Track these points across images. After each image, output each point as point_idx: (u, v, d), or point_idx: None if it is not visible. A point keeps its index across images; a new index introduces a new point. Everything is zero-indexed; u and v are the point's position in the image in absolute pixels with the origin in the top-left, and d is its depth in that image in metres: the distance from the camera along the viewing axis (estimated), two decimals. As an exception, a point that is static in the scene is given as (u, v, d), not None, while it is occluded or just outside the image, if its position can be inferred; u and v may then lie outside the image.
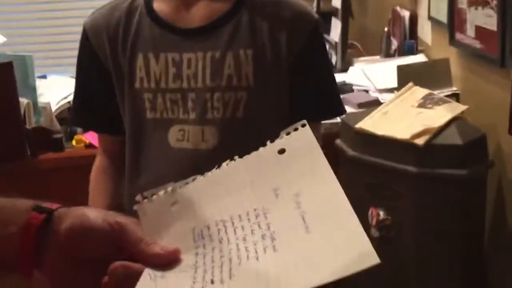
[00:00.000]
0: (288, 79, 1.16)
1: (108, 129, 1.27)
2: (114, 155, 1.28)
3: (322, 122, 1.31)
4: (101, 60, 1.19)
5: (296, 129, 0.61)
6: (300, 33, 1.16)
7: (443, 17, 2.24)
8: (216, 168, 0.60)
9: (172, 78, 1.14)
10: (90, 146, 2.18)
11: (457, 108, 1.85)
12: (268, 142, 0.60)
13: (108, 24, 1.18)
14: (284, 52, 1.14)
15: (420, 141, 1.69)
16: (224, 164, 0.61)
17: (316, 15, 1.21)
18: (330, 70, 1.25)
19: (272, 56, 1.14)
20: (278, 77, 1.16)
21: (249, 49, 1.13)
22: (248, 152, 1.06)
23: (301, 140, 0.61)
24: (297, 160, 0.59)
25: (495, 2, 1.78)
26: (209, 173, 0.62)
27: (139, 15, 1.18)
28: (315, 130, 0.93)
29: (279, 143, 0.61)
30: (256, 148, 1.06)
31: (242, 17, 1.15)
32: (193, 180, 0.60)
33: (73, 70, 3.67)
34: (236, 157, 0.61)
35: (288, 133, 0.61)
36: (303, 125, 0.60)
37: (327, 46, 3.02)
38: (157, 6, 1.17)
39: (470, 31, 1.99)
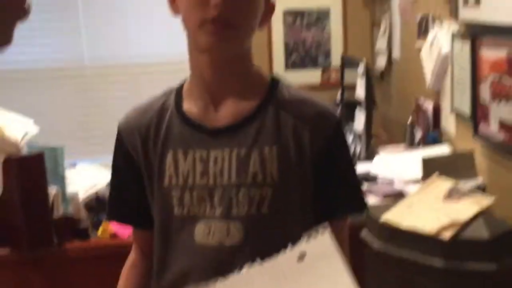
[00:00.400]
0: (311, 176, 1.19)
1: (141, 224, 1.31)
2: (146, 250, 1.30)
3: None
4: (133, 158, 1.24)
5: (316, 233, 0.62)
6: (322, 132, 1.19)
7: (466, 109, 2.27)
8: (236, 273, 0.61)
9: (200, 175, 1.17)
10: (115, 235, 2.20)
11: (484, 201, 1.84)
12: (288, 247, 0.61)
13: (140, 125, 1.24)
14: (307, 150, 1.18)
15: (446, 235, 1.67)
16: (244, 269, 0.61)
17: (337, 115, 1.26)
18: (352, 167, 1.27)
19: (295, 153, 1.17)
20: (302, 173, 1.18)
21: (273, 146, 1.17)
22: (273, 248, 1.08)
23: (320, 246, 0.62)
24: (316, 268, 0.60)
25: (517, 97, 1.80)
26: (229, 278, 0.62)
27: (170, 115, 1.23)
28: (340, 228, 0.93)
29: (298, 249, 0.62)
30: (280, 244, 1.07)
31: (267, 115, 1.19)
32: (214, 285, 0.61)
33: (102, 158, 3.76)
34: (256, 262, 0.61)
35: (308, 237, 0.62)
36: (323, 229, 0.61)
37: (352, 136, 3.07)
38: (186, 106, 1.22)
39: (494, 125, 2.01)
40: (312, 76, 4.02)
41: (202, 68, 1.19)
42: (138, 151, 1.23)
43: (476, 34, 2.16)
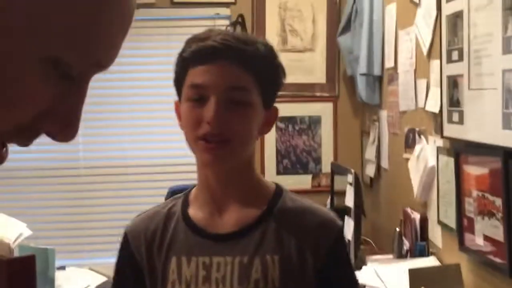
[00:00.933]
0: (313, 283, 1.21)
1: None
2: None
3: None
4: (137, 261, 1.26)
5: None
6: (325, 240, 1.23)
7: (452, 222, 2.32)
8: None
9: (202, 281, 1.19)
10: None
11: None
12: None
13: (146, 229, 1.27)
14: (310, 257, 1.20)
15: None
16: None
17: (339, 223, 1.28)
18: (353, 273, 1.30)
19: (297, 261, 1.20)
20: (304, 281, 1.21)
21: (275, 255, 1.19)
22: None
23: None
24: None
25: (500, 214, 1.86)
26: None
27: (176, 221, 1.26)
28: None
29: None
30: None
31: (270, 224, 1.22)
32: None
33: (91, 260, 3.73)
34: None
35: None
36: None
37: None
38: (192, 212, 1.26)
39: (479, 239, 2.05)
40: (303, 181, 4.09)
41: (207, 177, 1.24)
42: (142, 255, 1.25)
43: (460, 150, 2.25)
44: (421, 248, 2.62)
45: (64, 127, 0.55)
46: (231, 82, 1.18)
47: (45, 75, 0.51)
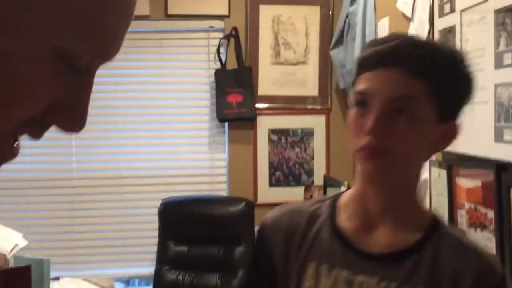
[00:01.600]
0: None
1: None
2: None
3: None
4: (273, 258, 1.18)
5: None
6: (485, 286, 1.10)
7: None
8: None
9: None
10: None
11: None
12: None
13: (288, 225, 1.19)
14: None
15: None
16: None
17: (502, 270, 1.15)
18: None
19: None
20: None
21: None
22: None
23: None
24: None
25: (492, 227, 1.89)
26: None
27: (321, 224, 1.18)
28: None
29: None
30: None
31: (425, 254, 1.11)
32: None
33: (85, 273, 3.72)
34: None
35: None
36: None
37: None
38: (341, 220, 1.17)
39: (471, 251, 2.08)
40: (295, 193, 4.11)
41: (364, 190, 1.15)
42: (280, 251, 1.18)
43: (452, 163, 2.28)
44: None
45: (73, 118, 0.55)
46: (397, 90, 1.06)
47: (54, 67, 0.52)
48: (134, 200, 3.99)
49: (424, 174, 2.63)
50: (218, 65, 4.05)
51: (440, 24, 2.36)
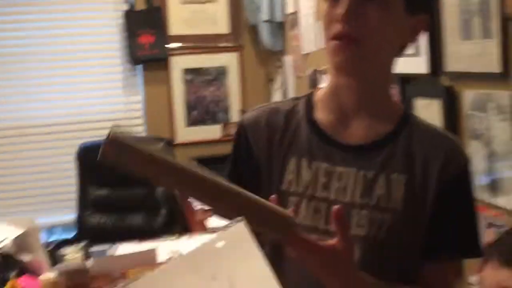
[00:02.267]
0: (431, 210, 1.14)
1: None
2: None
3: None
4: (254, 154, 1.20)
5: (231, 224, 0.73)
6: (452, 167, 1.15)
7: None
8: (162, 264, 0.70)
9: (321, 187, 1.14)
10: (24, 290, 2.17)
11: None
12: (208, 237, 0.71)
13: (268, 123, 1.20)
14: (433, 183, 1.14)
15: None
16: (169, 260, 0.71)
17: (467, 154, 1.20)
18: (473, 210, 1.19)
19: (421, 185, 1.14)
20: (423, 206, 1.15)
21: (402, 174, 1.14)
22: (383, 274, 1.07)
23: (236, 234, 0.72)
24: (233, 251, 0.70)
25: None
26: (157, 269, 0.71)
27: (299, 120, 1.20)
28: (455, 270, 0.88)
29: (217, 237, 0.72)
30: (392, 272, 1.09)
31: (399, 142, 1.16)
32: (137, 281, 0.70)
33: (7, 214, 3.67)
34: (179, 253, 0.71)
35: (224, 228, 0.72)
36: (237, 221, 0.72)
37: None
38: (318, 115, 1.19)
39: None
40: (213, 131, 4.17)
41: (338, 84, 1.16)
42: (261, 148, 1.19)
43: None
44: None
45: None
46: None
47: None
48: (51, 148, 3.94)
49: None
50: (126, 7, 3.99)
51: None
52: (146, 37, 3.98)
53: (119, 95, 4.02)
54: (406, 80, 2.08)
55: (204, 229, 2.39)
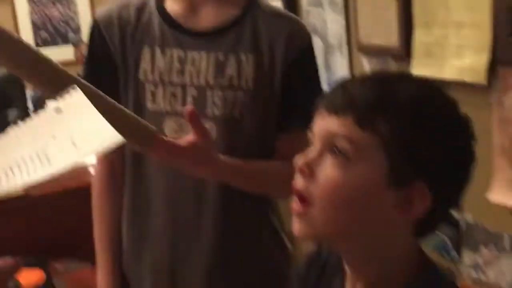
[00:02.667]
0: (280, 86, 1.22)
1: None
2: (114, 159, 1.28)
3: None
4: (110, 49, 1.22)
5: (68, 92, 0.77)
6: (295, 46, 1.22)
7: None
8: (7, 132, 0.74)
9: (176, 73, 1.19)
10: None
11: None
12: (46, 105, 0.75)
13: (119, 17, 1.23)
14: (279, 61, 1.21)
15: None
16: (11, 129, 0.74)
17: (309, 32, 1.29)
18: (319, 82, 1.29)
19: (269, 63, 1.21)
20: (272, 83, 1.22)
21: (250, 54, 1.20)
22: (242, 151, 1.15)
23: (74, 99, 0.77)
24: (71, 114, 0.75)
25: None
26: (2, 136, 0.75)
27: (150, 12, 1.23)
28: (302, 139, 0.88)
29: (55, 104, 0.76)
30: (251, 148, 1.16)
31: (246, 24, 1.22)
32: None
33: None
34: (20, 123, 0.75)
35: (61, 96, 0.76)
36: (74, 88, 0.77)
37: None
38: (168, 5, 1.23)
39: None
40: (65, 52, 4.05)
41: None
42: (115, 42, 1.22)
43: None
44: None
45: None
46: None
47: None
48: None
49: None
50: None
51: None
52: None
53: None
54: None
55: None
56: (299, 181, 0.79)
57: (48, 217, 2.09)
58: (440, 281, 0.82)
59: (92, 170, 2.00)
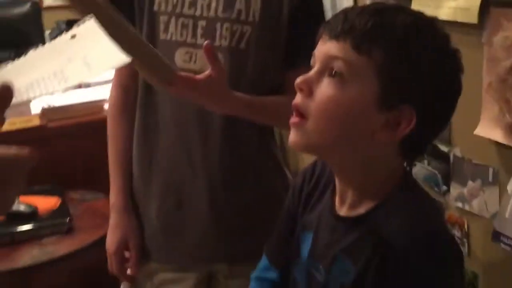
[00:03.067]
0: (287, 22, 1.26)
1: None
2: (127, 83, 1.38)
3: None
4: None
5: (83, 21, 0.85)
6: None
7: None
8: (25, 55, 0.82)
9: (188, 5, 1.26)
10: None
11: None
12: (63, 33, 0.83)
13: None
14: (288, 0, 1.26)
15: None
16: (31, 51, 0.83)
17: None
18: (324, 19, 1.29)
19: (277, 1, 1.26)
20: (279, 19, 1.26)
21: None
22: (246, 82, 1.22)
23: (88, 27, 0.85)
24: (86, 39, 0.83)
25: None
26: (22, 57, 0.83)
27: None
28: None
29: (70, 32, 0.84)
30: (254, 79, 1.23)
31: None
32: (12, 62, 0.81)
33: None
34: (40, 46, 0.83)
35: (77, 25, 0.84)
36: (88, 19, 0.85)
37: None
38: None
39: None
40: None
41: None
42: None
43: None
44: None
45: None
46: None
47: None
48: None
49: None
50: None
51: None
52: None
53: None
54: None
55: (78, 85, 2.46)
56: (298, 98, 0.88)
57: (65, 149, 2.18)
58: (422, 196, 0.91)
59: (106, 107, 2.10)
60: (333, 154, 0.91)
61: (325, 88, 0.86)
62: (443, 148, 1.49)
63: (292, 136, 0.89)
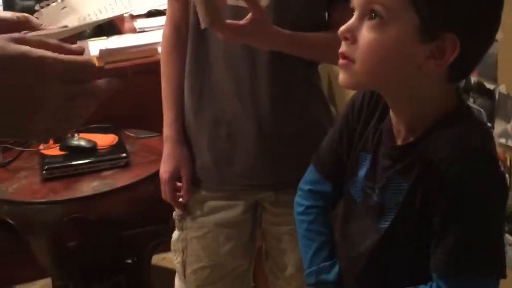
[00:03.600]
0: None
1: None
2: (179, 21, 1.44)
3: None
4: None
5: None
6: None
7: None
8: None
9: None
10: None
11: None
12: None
13: None
14: None
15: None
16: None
17: None
18: None
19: None
20: None
21: None
22: (292, 16, 1.27)
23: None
24: None
25: None
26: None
27: None
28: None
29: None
30: (298, 14, 1.28)
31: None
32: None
33: None
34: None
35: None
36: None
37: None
38: None
39: None
40: None
41: None
42: None
43: None
44: None
45: None
46: None
47: None
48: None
49: None
50: None
51: None
52: None
53: None
54: None
55: (133, 30, 2.54)
56: (343, 46, 0.93)
57: (121, 90, 2.27)
58: (472, 118, 0.96)
59: (159, 49, 2.17)
60: (383, 91, 0.98)
61: (367, 33, 0.89)
62: (489, 85, 1.51)
63: (342, 77, 0.94)
